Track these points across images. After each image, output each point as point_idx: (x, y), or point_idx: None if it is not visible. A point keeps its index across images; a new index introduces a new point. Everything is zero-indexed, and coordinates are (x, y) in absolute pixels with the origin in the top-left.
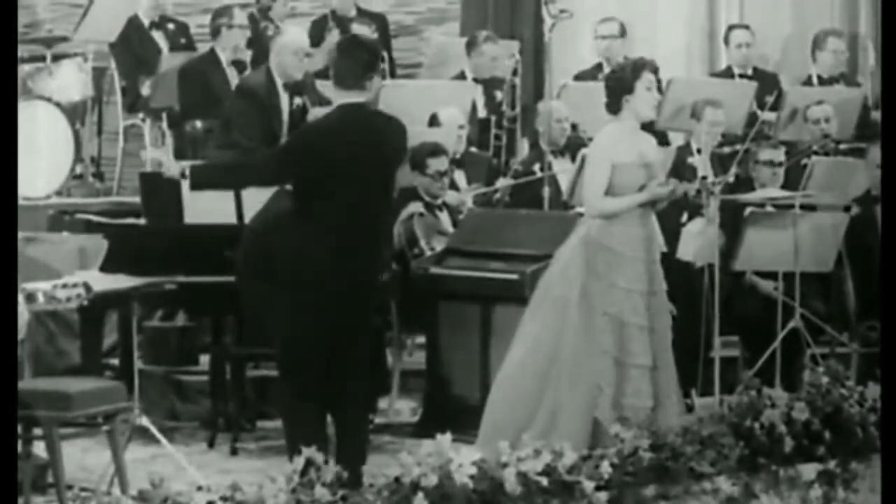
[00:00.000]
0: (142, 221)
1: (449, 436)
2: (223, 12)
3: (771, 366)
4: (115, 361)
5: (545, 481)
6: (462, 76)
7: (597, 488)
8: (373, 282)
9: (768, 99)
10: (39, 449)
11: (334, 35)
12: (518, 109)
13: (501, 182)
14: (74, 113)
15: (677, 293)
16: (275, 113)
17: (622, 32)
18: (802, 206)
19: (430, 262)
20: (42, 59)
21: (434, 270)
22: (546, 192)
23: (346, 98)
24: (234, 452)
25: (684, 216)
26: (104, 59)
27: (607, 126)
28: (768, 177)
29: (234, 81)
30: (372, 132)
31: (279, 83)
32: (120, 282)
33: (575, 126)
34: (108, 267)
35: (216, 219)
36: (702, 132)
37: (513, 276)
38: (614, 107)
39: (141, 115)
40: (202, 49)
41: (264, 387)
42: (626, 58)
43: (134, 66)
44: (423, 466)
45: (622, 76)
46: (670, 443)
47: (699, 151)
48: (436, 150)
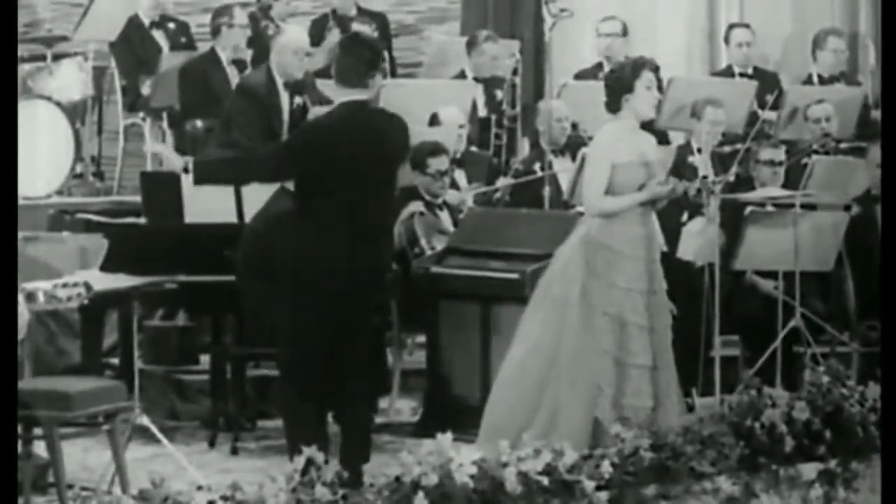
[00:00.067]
0: (142, 221)
1: (449, 435)
2: (223, 11)
3: (771, 365)
4: (116, 361)
5: (546, 481)
6: (462, 75)
7: (597, 488)
8: (373, 281)
9: (769, 98)
10: (40, 449)
11: (335, 34)
12: (518, 109)
13: (502, 181)
14: (75, 112)
15: (678, 292)
16: (275, 112)
17: (624, 31)
18: (803, 206)
19: (431, 262)
20: (42, 59)
21: (434, 270)
22: (546, 192)
23: (349, 96)
24: (235, 452)
25: (685, 215)
26: (104, 59)
27: (607, 125)
28: (769, 176)
29: (235, 81)
30: (374, 130)
31: (279, 82)
32: (120, 281)
33: (575, 125)
34: (109, 266)
35: (216, 218)
36: (702, 131)
37: (513, 276)
38: (614, 106)
39: (141, 115)
40: (203, 48)
41: (265, 386)
42: (627, 57)
43: (134, 66)
44: (424, 466)
45: (622, 75)
46: (671, 442)
47: (700, 150)
48: (436, 150)
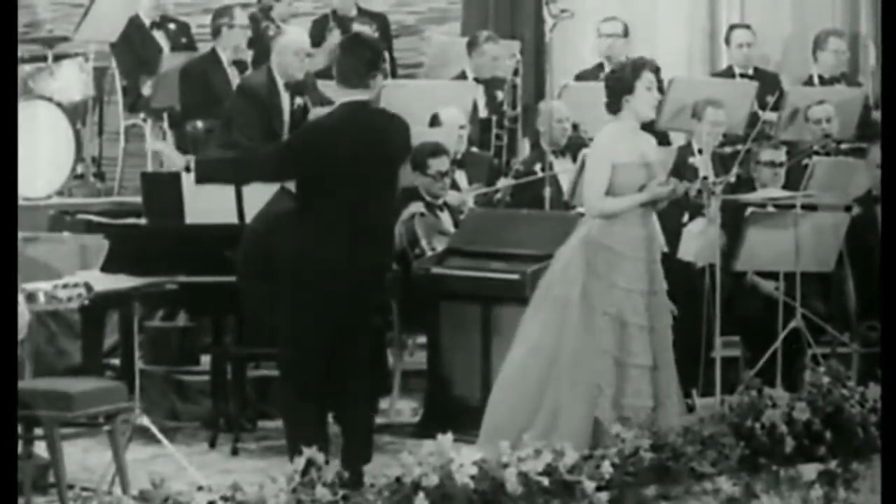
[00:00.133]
0: (143, 221)
1: (450, 436)
2: (224, 12)
3: (772, 366)
4: (116, 361)
5: (546, 481)
6: (463, 76)
7: (598, 488)
8: (374, 281)
9: (769, 99)
10: (40, 449)
11: (335, 35)
12: (519, 109)
13: (502, 182)
14: (75, 113)
15: (678, 293)
16: (276, 113)
17: (625, 32)
18: (803, 207)
19: (432, 263)
20: (43, 59)
21: (435, 270)
22: (547, 192)
23: (350, 96)
24: (235, 452)
25: (685, 216)
26: (105, 59)
27: (607, 126)
28: (769, 177)
29: (235, 81)
30: (375, 130)
31: (280, 83)
32: (121, 282)
33: (576, 126)
34: (109, 267)
35: (217, 219)
36: (703, 132)
37: (514, 277)
38: (614, 107)
39: (142, 115)
40: (203, 49)
41: (265, 387)
42: (628, 58)
43: (135, 66)
44: (424, 466)
45: (622, 76)
46: (671, 443)
47: (700, 151)
48: (437, 150)
